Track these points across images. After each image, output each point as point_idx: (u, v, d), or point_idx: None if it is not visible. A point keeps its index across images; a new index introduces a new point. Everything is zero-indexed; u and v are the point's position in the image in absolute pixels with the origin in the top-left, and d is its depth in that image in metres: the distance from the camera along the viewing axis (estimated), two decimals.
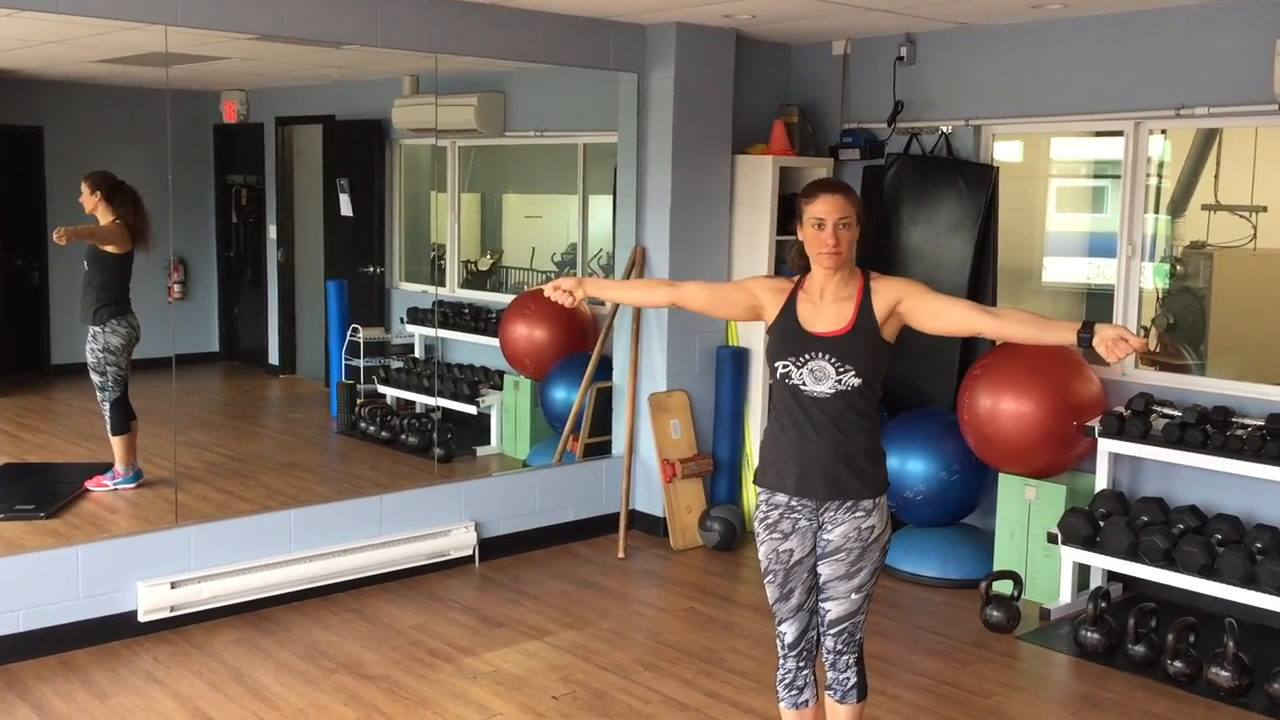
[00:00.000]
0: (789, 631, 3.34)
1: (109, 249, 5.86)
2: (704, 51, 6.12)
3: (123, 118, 6.96)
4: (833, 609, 3.27)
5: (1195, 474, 5.11)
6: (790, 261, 3.37)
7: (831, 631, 3.29)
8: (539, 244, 8.04)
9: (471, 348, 7.46)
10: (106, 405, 5.92)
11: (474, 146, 7.77)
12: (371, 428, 7.12)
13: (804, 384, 3.17)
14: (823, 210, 3.16)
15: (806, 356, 3.17)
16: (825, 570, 3.26)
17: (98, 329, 5.87)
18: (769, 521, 3.28)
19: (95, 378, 5.91)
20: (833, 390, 3.15)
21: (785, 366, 3.20)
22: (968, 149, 6.08)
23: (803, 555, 3.26)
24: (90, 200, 5.87)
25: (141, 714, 4.15)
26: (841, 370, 3.15)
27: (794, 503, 3.24)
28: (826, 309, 3.20)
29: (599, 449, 6.44)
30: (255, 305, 8.10)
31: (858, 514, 3.21)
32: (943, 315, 3.17)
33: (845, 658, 3.31)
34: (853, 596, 3.25)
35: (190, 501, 5.65)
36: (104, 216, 5.88)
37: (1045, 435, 5.26)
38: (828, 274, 3.20)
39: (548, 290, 3.44)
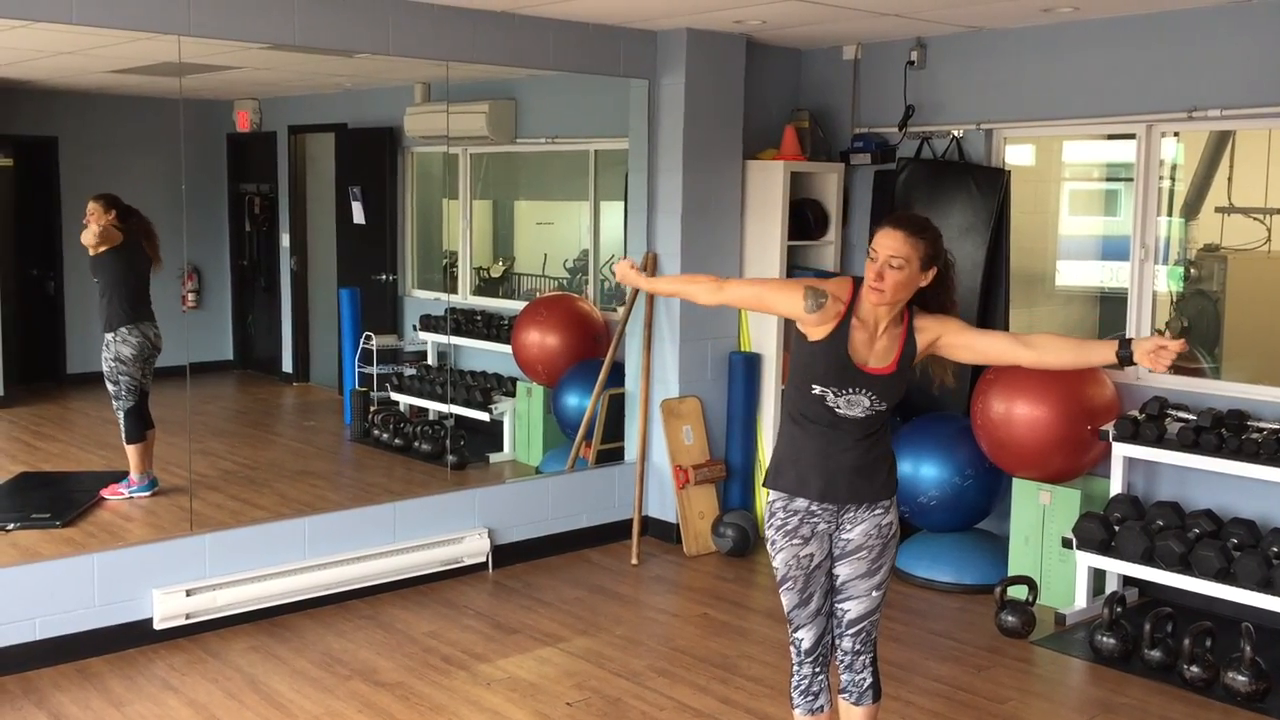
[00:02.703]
0: (806, 638, 3.34)
1: (103, 248, 5.87)
2: (715, 57, 6.13)
3: (137, 127, 6.99)
4: (852, 608, 3.30)
5: (1211, 478, 5.08)
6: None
7: (850, 632, 3.32)
8: (551, 251, 8.05)
9: (484, 355, 7.47)
10: (121, 414, 5.95)
11: (486, 153, 7.78)
12: (385, 435, 7.13)
13: (838, 407, 3.20)
14: (879, 244, 3.09)
15: (850, 390, 3.16)
16: (845, 570, 3.29)
17: (110, 336, 5.91)
18: (788, 528, 3.27)
19: (110, 386, 5.95)
20: (863, 414, 3.20)
21: (823, 390, 3.17)
22: (979, 153, 6.07)
23: (821, 559, 3.29)
24: (104, 219, 5.86)
25: None
26: (876, 403, 3.19)
27: (815, 507, 3.26)
28: (879, 344, 3.17)
29: (612, 455, 6.43)
30: (269, 313, 8.12)
31: (877, 511, 3.27)
32: (979, 350, 3.24)
33: (862, 658, 3.33)
34: (873, 594, 3.30)
35: (205, 509, 5.67)
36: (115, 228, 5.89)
37: (1059, 440, 5.24)
38: (880, 307, 3.13)
39: (617, 270, 3.47)
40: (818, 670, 3.37)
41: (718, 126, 6.20)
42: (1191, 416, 5.07)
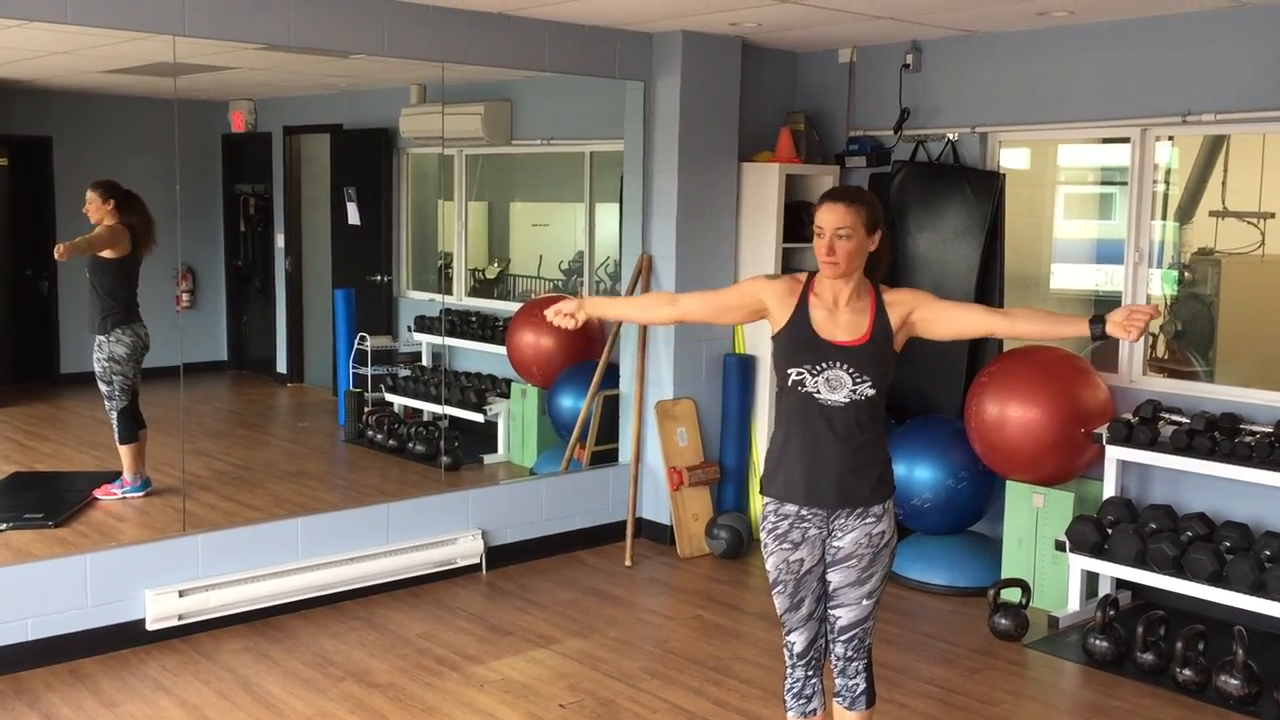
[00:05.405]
0: (798, 641, 3.33)
1: (107, 254, 5.84)
2: (710, 60, 6.13)
3: (131, 127, 6.98)
4: (843, 616, 3.27)
5: (1204, 481, 5.09)
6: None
7: (842, 638, 3.29)
8: (546, 252, 8.05)
9: (479, 356, 7.47)
10: (114, 414, 5.93)
11: (481, 155, 7.78)
12: (379, 436, 7.12)
13: (818, 392, 3.15)
14: (823, 220, 3.17)
15: (823, 365, 3.15)
16: (836, 577, 3.26)
17: (102, 338, 5.88)
18: (778, 532, 3.26)
19: (102, 387, 5.93)
20: (847, 399, 3.14)
21: (799, 374, 3.17)
22: (974, 156, 6.08)
23: (813, 564, 3.26)
24: (102, 209, 5.84)
25: None
26: (858, 380, 3.14)
27: (804, 511, 3.22)
28: (842, 317, 3.18)
29: (606, 457, 6.43)
30: (263, 314, 8.12)
31: (868, 520, 3.21)
32: (954, 321, 3.21)
33: (855, 664, 3.31)
34: (864, 603, 3.26)
35: (198, 510, 5.66)
36: (111, 222, 5.85)
37: (1053, 442, 5.25)
38: (838, 282, 3.19)
39: (549, 314, 3.39)
40: (810, 674, 3.36)
41: (713, 129, 6.20)
42: (1185, 420, 5.08)
